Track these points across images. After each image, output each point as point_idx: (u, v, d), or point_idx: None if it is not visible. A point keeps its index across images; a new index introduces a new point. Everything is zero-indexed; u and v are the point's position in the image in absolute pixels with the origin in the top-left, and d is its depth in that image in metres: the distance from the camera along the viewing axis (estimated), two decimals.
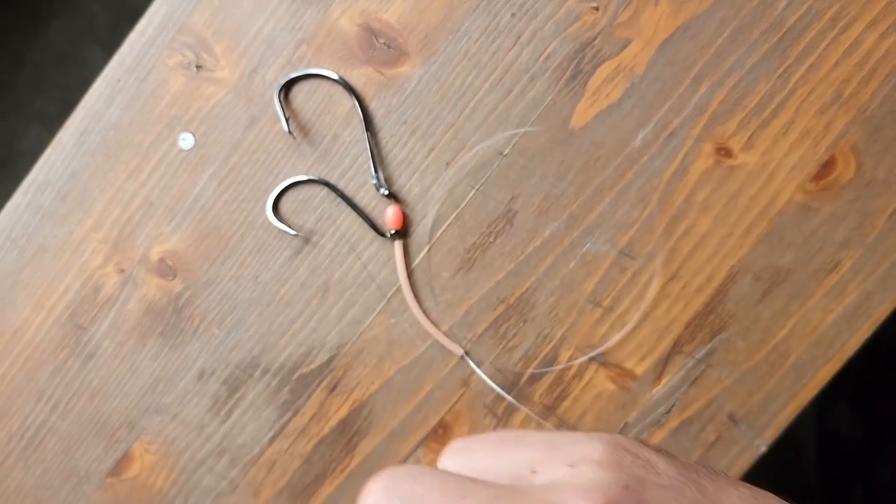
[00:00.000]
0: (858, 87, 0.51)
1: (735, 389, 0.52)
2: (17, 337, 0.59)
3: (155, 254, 0.58)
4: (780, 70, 0.51)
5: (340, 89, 0.55)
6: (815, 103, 0.51)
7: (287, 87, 0.56)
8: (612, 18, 0.53)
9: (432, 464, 0.56)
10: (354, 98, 0.54)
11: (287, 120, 0.55)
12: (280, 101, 0.55)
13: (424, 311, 0.55)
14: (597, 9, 0.53)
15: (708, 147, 0.52)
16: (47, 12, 1.34)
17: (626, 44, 0.53)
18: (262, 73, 0.56)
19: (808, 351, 0.52)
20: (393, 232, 0.54)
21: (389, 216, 0.54)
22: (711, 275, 0.52)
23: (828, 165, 0.51)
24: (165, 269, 0.58)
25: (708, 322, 0.53)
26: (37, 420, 0.60)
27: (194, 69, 0.57)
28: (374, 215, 0.55)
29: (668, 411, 0.53)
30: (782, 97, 0.51)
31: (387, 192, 0.54)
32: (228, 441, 0.58)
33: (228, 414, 0.58)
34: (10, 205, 0.59)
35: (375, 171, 0.54)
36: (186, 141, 0.57)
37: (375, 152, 0.55)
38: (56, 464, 0.60)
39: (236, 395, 0.58)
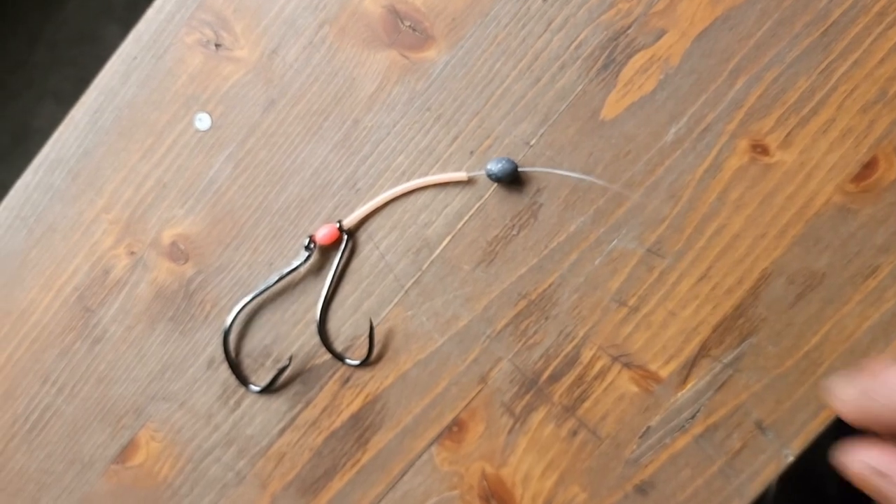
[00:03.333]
0: None
1: (763, 396, 0.51)
2: (25, 318, 0.58)
3: (167, 237, 0.56)
4: (823, 65, 0.49)
5: (363, 71, 0.54)
6: (858, 101, 0.49)
7: (305, 61, 0.54)
8: (648, 7, 0.51)
9: (444, 464, 0.54)
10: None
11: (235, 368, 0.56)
12: (227, 344, 0.55)
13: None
14: None
15: (743, 143, 0.50)
16: None
17: (661, 34, 0.51)
18: (282, 53, 0.54)
19: (842, 359, 0.50)
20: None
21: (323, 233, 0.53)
22: (743, 276, 0.50)
23: (869, 166, 0.49)
24: (177, 252, 0.56)
25: (737, 325, 0.51)
26: (42, 403, 0.58)
27: (213, 47, 0.55)
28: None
29: (693, 416, 0.51)
30: (823, 94, 0.49)
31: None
32: (237, 431, 0.56)
33: (238, 403, 0.56)
34: (20, 183, 0.57)
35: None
36: (203, 121, 0.55)
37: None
38: (60, 448, 0.58)
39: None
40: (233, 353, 0.56)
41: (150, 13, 0.56)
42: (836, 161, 0.49)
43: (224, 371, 0.56)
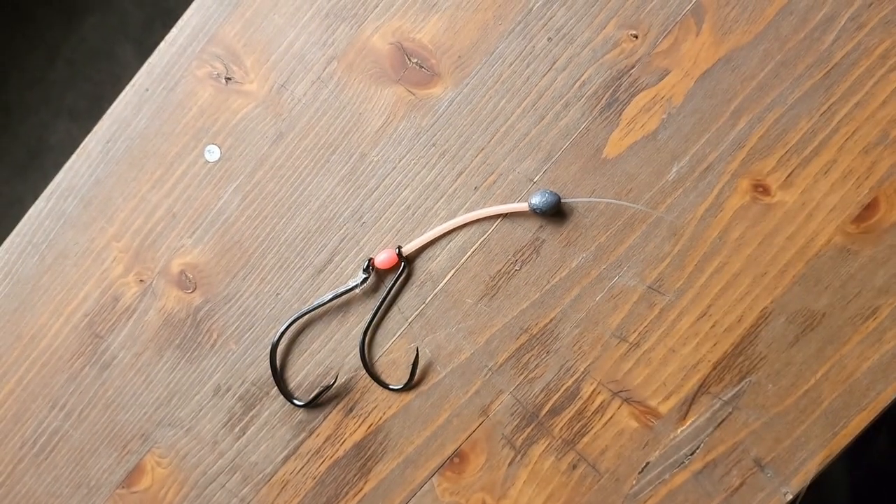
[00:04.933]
0: None
1: (763, 434, 0.51)
2: (35, 342, 0.59)
3: (176, 266, 0.57)
4: (824, 107, 0.49)
5: (370, 107, 0.54)
6: (860, 143, 0.49)
7: (314, 94, 0.55)
8: (651, 47, 0.51)
9: (445, 494, 0.54)
10: None
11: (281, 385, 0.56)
12: (274, 357, 0.56)
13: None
14: (636, 36, 0.51)
15: (745, 183, 0.50)
16: (82, 9, 1.35)
17: (664, 73, 0.51)
18: (290, 88, 0.55)
19: (841, 398, 0.50)
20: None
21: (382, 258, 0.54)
22: (743, 315, 0.51)
23: (870, 208, 0.49)
24: (185, 281, 0.57)
25: (737, 363, 0.51)
26: (50, 427, 0.59)
27: (223, 81, 0.56)
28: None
29: (693, 453, 0.52)
30: (825, 135, 0.50)
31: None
32: (241, 458, 0.57)
33: (243, 431, 0.57)
34: (33, 210, 0.58)
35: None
36: (212, 153, 0.56)
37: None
38: (67, 472, 0.59)
39: (251, 413, 0.57)
40: (278, 368, 0.56)
41: (163, 46, 0.57)
42: (836, 202, 0.50)
43: (230, 399, 0.57)
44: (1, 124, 1.35)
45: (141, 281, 0.57)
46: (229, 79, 0.56)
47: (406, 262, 0.54)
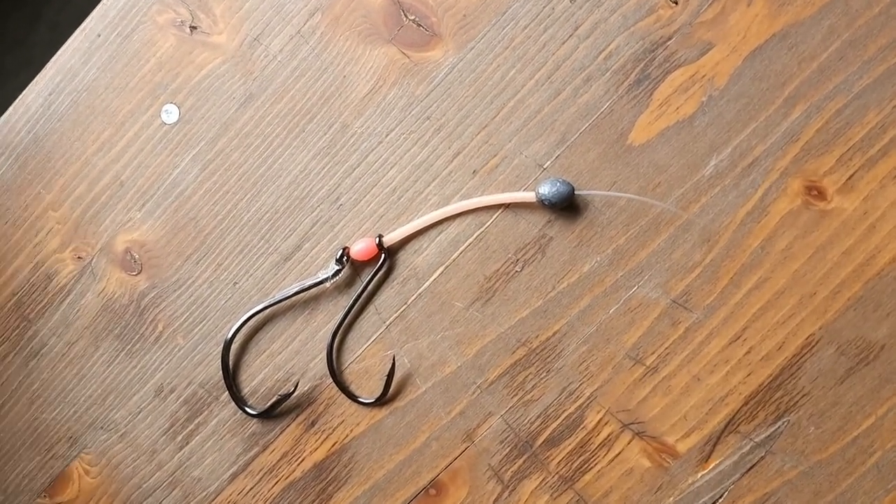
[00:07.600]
0: None
1: (800, 486, 0.43)
2: None
3: (120, 243, 0.49)
4: None
5: (356, 69, 0.47)
6: None
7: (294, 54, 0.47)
8: (693, 16, 0.44)
9: None
10: None
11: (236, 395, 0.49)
12: (227, 358, 0.48)
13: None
14: (675, 2, 0.44)
15: (796, 184, 0.43)
16: None
17: (706, 48, 0.44)
18: (265, 42, 0.48)
19: None
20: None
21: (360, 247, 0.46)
22: (785, 341, 0.43)
23: None
24: (130, 261, 0.49)
25: (774, 399, 0.43)
26: None
27: (187, 30, 0.48)
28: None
29: (715, 502, 0.44)
30: None
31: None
32: (182, 472, 0.49)
33: (186, 440, 0.49)
34: None
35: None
36: (170, 114, 0.49)
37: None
38: None
39: (197, 419, 0.49)
40: (231, 370, 0.49)
41: None
42: None
43: (173, 402, 0.49)
44: None
45: (79, 258, 0.50)
46: (194, 28, 0.48)
47: (387, 255, 0.46)
